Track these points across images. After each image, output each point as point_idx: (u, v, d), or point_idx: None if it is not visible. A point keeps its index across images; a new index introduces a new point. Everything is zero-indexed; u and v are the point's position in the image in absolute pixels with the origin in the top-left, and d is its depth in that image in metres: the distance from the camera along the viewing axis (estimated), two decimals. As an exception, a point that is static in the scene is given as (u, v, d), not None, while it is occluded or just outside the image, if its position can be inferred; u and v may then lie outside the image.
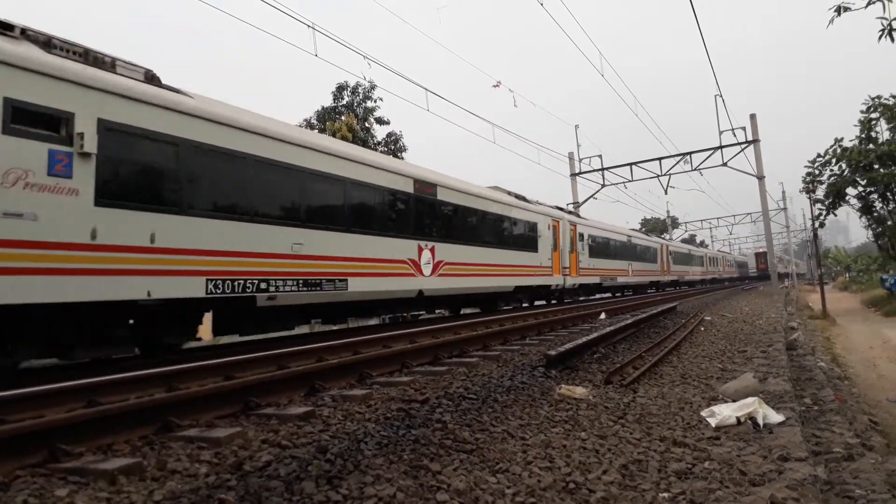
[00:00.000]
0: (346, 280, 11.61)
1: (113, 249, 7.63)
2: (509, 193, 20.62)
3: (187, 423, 4.74)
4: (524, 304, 21.69)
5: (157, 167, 8.30)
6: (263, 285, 9.73)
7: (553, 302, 24.01)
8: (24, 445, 3.84)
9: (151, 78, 8.59)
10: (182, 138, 8.58)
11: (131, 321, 8.38)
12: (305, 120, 32.22)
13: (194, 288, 8.66)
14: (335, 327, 16.55)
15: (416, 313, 20.02)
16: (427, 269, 14.47)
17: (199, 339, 9.92)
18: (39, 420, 4.23)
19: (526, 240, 20.23)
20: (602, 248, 28.50)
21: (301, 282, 10.49)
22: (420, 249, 14.24)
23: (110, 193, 7.65)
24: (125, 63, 8.28)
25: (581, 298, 27.47)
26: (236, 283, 9.28)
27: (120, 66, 8.16)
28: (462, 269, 16.02)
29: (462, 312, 19.89)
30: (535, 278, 20.57)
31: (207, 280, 8.85)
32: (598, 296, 31.78)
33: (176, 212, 8.46)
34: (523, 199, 21.20)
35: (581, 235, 25.64)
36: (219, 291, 8.99)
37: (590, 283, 26.86)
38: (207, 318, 9.82)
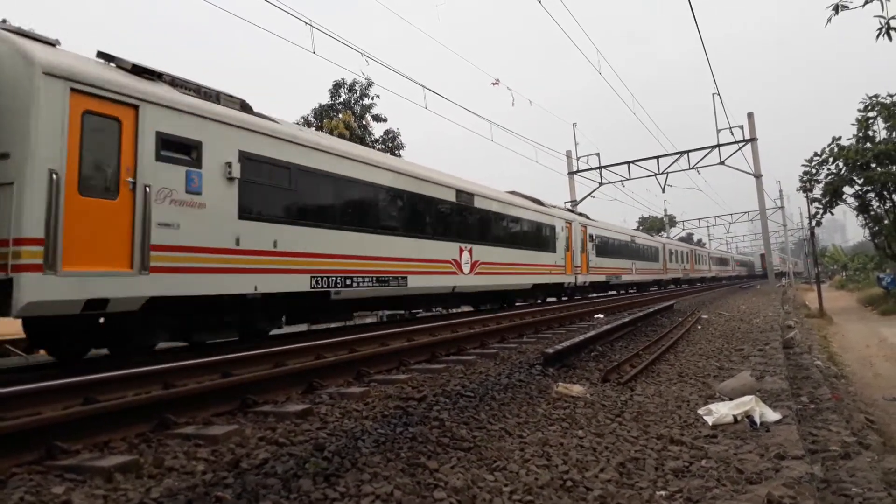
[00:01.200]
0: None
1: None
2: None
3: (184, 421, 4.73)
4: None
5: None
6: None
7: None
8: (20, 443, 3.83)
9: (245, 107, 10.04)
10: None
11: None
12: (303, 117, 32.19)
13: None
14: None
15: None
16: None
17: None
18: (36, 417, 4.22)
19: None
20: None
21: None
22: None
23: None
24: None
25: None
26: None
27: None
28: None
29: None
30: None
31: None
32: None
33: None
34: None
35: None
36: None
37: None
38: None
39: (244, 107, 9.92)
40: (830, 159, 25.98)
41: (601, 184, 40.79)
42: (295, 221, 10.47)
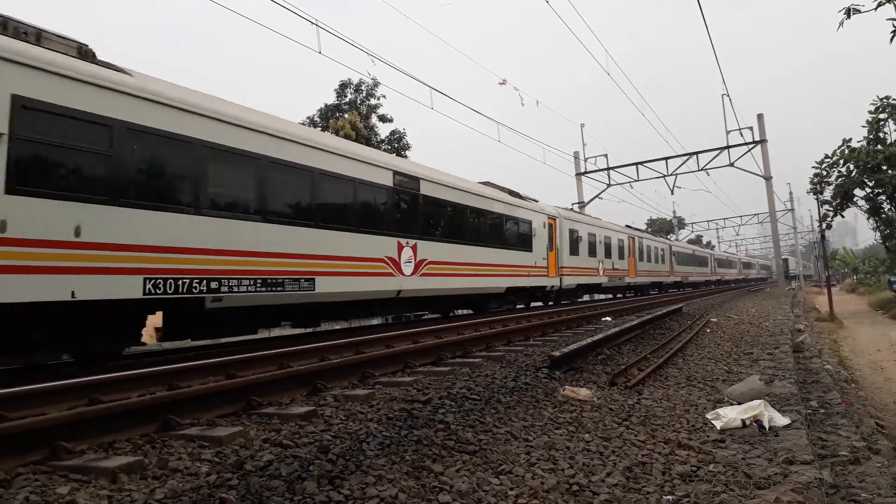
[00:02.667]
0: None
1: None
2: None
3: (188, 422, 4.74)
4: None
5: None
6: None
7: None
8: (25, 443, 3.84)
9: (85, 53, 8.39)
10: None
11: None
12: (309, 118, 32.26)
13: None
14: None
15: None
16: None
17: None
18: (41, 418, 4.22)
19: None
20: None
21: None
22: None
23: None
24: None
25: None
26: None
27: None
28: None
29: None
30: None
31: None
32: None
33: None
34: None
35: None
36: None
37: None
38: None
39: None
40: (841, 161, 25.84)
41: (609, 185, 40.71)
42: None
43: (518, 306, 20.87)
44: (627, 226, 34.90)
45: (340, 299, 12.03)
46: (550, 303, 23.58)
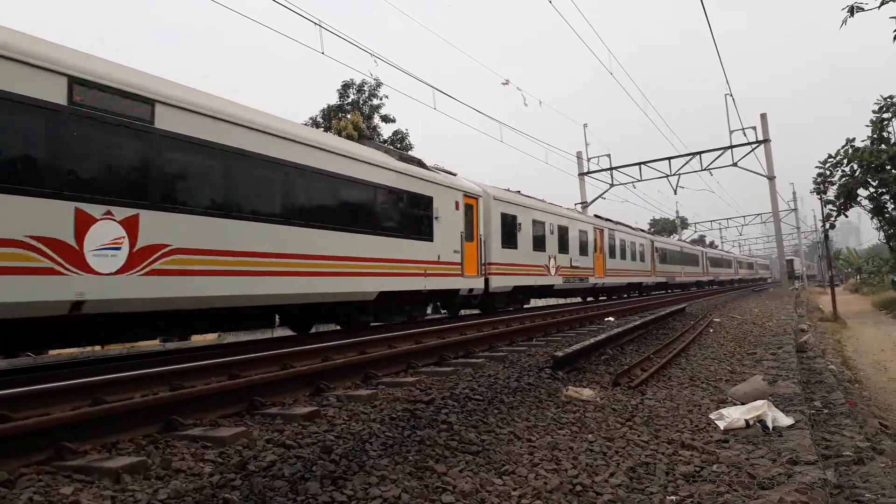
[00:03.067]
0: None
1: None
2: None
3: (191, 423, 4.74)
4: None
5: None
6: None
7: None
8: (29, 443, 3.84)
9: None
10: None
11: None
12: (311, 118, 32.31)
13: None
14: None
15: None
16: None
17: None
18: (45, 418, 4.22)
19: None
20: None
21: None
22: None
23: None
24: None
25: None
26: None
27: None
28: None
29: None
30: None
31: None
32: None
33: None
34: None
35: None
36: None
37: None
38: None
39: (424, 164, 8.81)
40: (845, 161, 25.79)
41: (612, 185, 40.66)
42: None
43: (405, 320, 14.79)
44: (596, 215, 30.60)
45: None
46: (471, 311, 18.54)
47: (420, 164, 15.27)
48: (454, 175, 17.13)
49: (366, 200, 12.65)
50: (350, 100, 32.78)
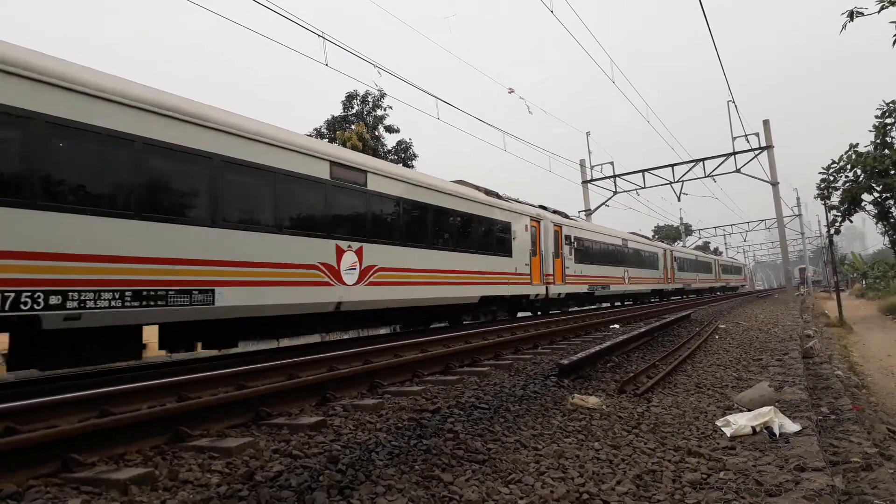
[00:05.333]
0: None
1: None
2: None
3: (198, 433, 4.75)
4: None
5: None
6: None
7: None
8: (37, 455, 3.86)
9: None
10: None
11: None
12: (316, 129, 32.46)
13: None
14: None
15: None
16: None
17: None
18: (53, 430, 4.24)
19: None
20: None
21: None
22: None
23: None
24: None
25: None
26: None
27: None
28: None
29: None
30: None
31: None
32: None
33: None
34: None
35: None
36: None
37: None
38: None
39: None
40: (848, 166, 25.73)
41: (616, 192, 40.69)
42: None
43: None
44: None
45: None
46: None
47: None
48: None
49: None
50: (354, 111, 32.94)
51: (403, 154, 33.18)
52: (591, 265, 25.29)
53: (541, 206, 23.15)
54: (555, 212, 23.73)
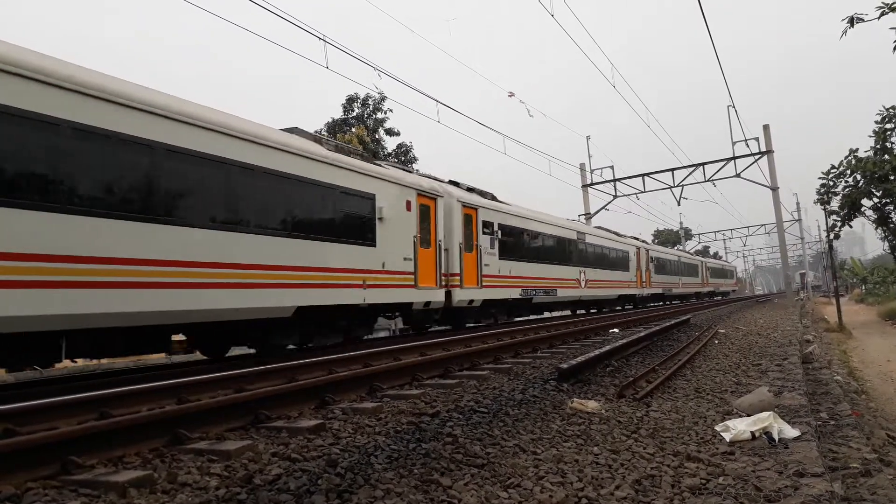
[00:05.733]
0: None
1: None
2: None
3: (197, 436, 4.75)
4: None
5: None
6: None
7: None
8: (36, 457, 3.86)
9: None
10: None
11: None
12: (316, 131, 32.49)
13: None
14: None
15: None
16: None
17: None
18: (52, 432, 4.24)
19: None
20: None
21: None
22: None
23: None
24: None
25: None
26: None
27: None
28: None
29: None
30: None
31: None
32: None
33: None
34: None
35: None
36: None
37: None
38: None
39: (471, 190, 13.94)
40: (848, 171, 25.78)
41: (616, 196, 40.73)
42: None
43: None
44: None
45: None
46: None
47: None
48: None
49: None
50: (355, 114, 32.99)
51: (404, 157, 33.22)
52: (526, 262, 19.74)
53: (452, 182, 17.67)
54: (471, 190, 17.99)
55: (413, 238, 14.10)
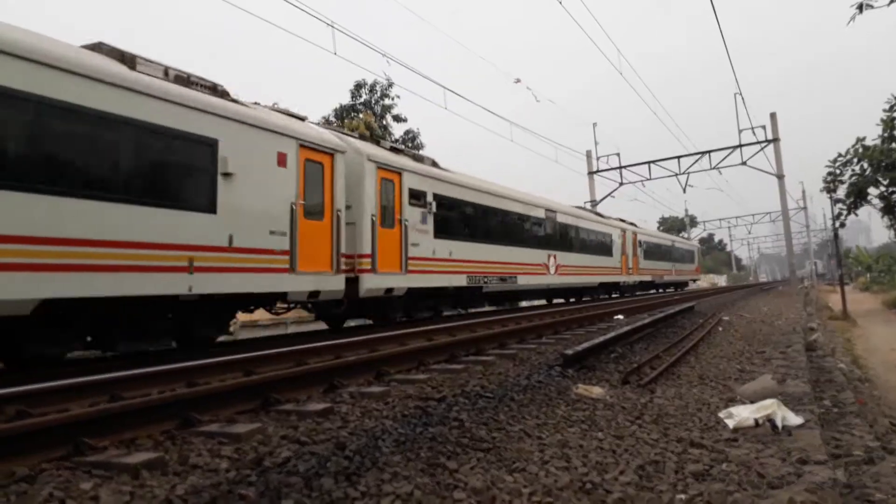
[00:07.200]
0: None
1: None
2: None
3: (208, 419, 4.80)
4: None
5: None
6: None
7: (491, 309, 15.48)
8: (49, 439, 3.91)
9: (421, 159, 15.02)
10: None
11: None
12: (324, 118, 32.43)
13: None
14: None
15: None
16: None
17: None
18: (65, 414, 4.31)
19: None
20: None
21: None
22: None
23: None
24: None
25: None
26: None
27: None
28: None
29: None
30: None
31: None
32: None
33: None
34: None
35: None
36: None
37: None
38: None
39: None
40: (855, 160, 25.64)
41: (621, 184, 40.59)
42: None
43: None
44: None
45: None
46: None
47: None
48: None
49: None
50: (362, 100, 32.90)
51: (411, 143, 33.15)
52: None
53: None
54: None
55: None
